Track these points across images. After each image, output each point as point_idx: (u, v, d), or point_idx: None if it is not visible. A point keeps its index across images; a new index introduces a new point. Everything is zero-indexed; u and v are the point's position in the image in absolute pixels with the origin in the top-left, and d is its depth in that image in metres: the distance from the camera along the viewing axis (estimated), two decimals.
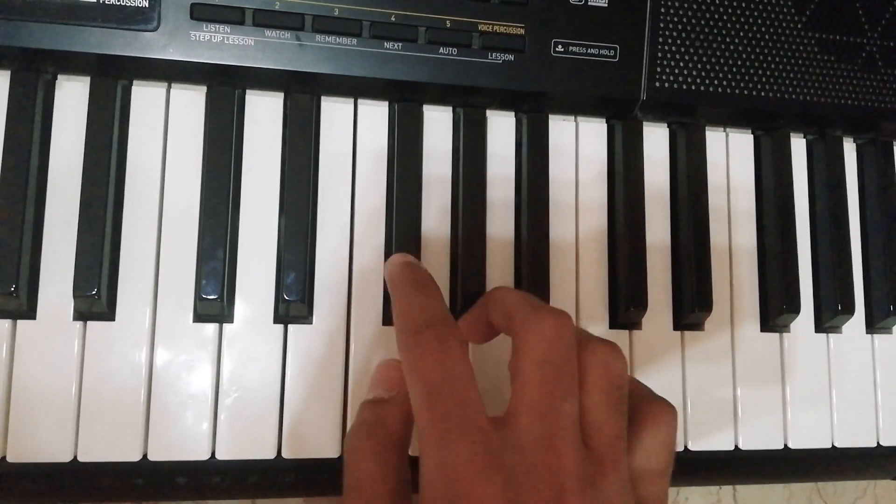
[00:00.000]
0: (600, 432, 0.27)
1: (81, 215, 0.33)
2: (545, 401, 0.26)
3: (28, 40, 0.33)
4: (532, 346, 0.27)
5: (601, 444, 0.27)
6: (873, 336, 0.43)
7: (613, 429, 0.27)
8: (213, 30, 0.34)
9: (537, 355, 0.27)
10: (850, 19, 0.41)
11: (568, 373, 0.27)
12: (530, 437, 0.25)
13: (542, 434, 0.25)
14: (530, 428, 0.25)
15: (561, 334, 0.27)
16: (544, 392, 0.26)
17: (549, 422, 0.26)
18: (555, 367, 0.26)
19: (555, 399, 0.26)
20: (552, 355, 0.27)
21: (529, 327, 0.27)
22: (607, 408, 0.27)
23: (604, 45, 0.38)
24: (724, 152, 0.42)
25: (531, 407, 0.26)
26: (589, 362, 0.28)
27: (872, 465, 0.43)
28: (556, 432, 0.25)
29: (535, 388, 0.26)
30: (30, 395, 0.33)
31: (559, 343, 0.27)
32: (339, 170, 0.37)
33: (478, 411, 0.26)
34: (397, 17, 0.36)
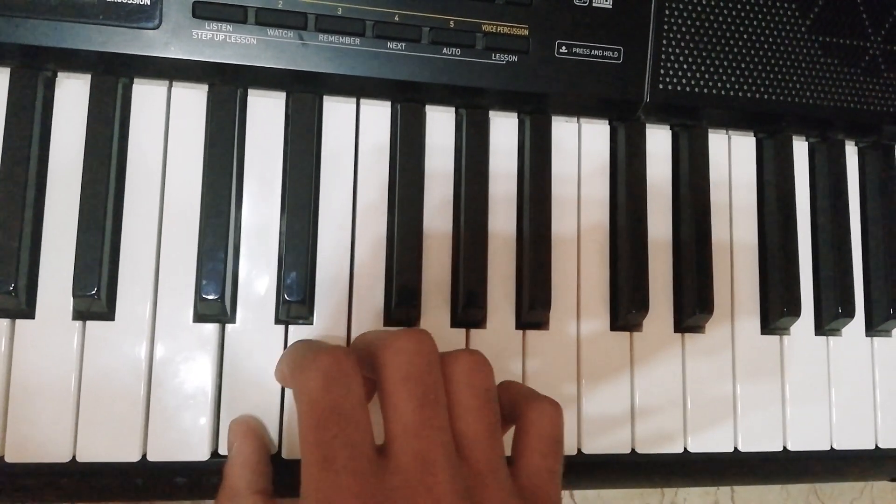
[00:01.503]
0: (474, 443, 0.26)
1: (81, 214, 0.33)
2: (414, 418, 0.25)
3: (28, 37, 0.33)
4: (392, 364, 0.26)
5: (477, 455, 0.26)
6: (872, 339, 0.43)
7: (487, 438, 0.27)
8: (215, 28, 0.34)
9: (399, 372, 0.26)
10: (853, 23, 0.41)
11: (432, 385, 0.26)
12: (406, 458, 0.25)
13: (416, 453, 0.25)
14: (404, 449, 0.25)
15: (420, 349, 0.27)
16: (411, 409, 0.26)
17: (421, 440, 0.25)
18: (418, 381, 0.26)
19: (423, 415, 0.25)
20: (413, 370, 0.26)
21: (388, 346, 0.27)
22: (477, 417, 0.27)
23: (607, 47, 0.38)
24: (727, 154, 0.42)
25: (402, 427, 0.25)
26: (452, 373, 0.27)
27: (870, 467, 0.43)
28: (429, 450, 0.25)
29: (403, 407, 0.26)
30: (28, 395, 0.32)
31: (419, 358, 0.26)
32: (340, 170, 0.37)
33: (364, 439, 0.25)
34: (401, 17, 0.36)
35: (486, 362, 0.28)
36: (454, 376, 0.27)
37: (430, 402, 0.26)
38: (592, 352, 0.39)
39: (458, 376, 0.27)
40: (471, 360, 0.28)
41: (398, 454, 0.25)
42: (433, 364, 0.27)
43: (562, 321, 0.38)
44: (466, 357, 0.28)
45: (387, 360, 0.27)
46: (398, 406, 0.26)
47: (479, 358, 0.28)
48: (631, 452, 0.39)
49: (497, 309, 0.38)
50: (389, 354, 0.27)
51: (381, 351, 0.27)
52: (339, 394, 0.26)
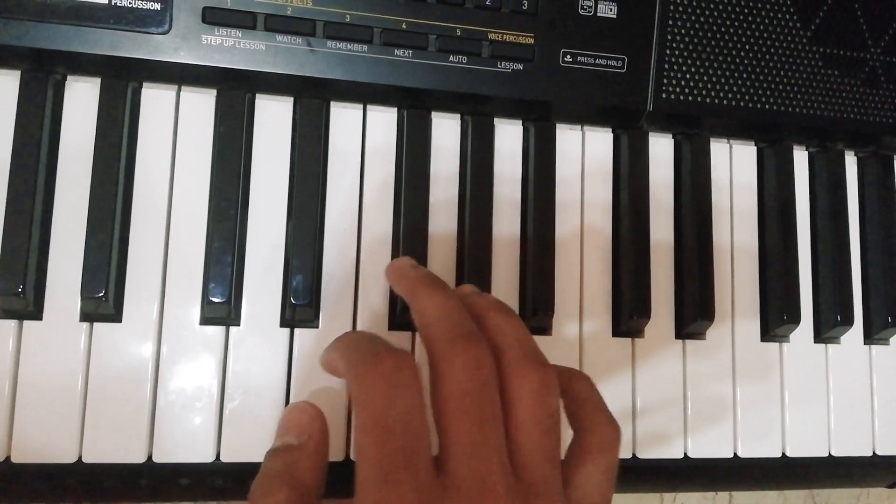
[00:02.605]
0: (532, 466, 0.26)
1: (90, 217, 0.33)
2: (472, 437, 0.25)
3: (39, 41, 0.33)
4: (451, 378, 0.25)
5: (534, 477, 0.25)
6: (871, 347, 0.43)
7: (546, 461, 0.26)
8: (224, 34, 0.34)
9: (458, 388, 0.25)
10: (853, 34, 0.42)
11: (490, 402, 0.25)
12: (463, 477, 0.24)
13: (473, 473, 0.24)
14: (462, 468, 0.24)
15: (480, 363, 0.26)
16: (469, 427, 0.25)
17: (479, 461, 0.24)
18: (477, 398, 0.25)
19: (482, 435, 0.25)
20: (473, 386, 0.25)
21: (446, 359, 0.26)
22: (538, 440, 0.26)
23: (612, 56, 0.38)
24: (728, 163, 0.43)
25: (460, 446, 0.25)
26: (515, 390, 0.26)
27: (867, 474, 0.44)
28: (487, 471, 0.24)
29: (461, 425, 0.25)
30: (35, 396, 0.33)
31: (479, 373, 0.25)
32: (347, 175, 0.37)
33: (424, 452, 0.24)
34: (408, 25, 0.36)
35: (554, 383, 0.27)
36: (519, 395, 0.26)
37: (488, 421, 0.25)
38: (594, 357, 0.39)
39: (522, 397, 0.26)
40: (538, 382, 0.26)
41: (455, 473, 0.24)
42: (492, 379, 0.26)
43: (564, 326, 0.39)
44: (534, 377, 0.27)
45: (445, 372, 0.25)
46: (456, 423, 0.25)
47: (546, 379, 0.27)
48: (632, 457, 0.39)
49: None
50: (448, 367, 0.25)
51: (440, 363, 0.26)
52: (402, 403, 0.24)
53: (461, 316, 0.28)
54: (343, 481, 0.28)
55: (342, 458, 0.35)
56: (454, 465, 0.24)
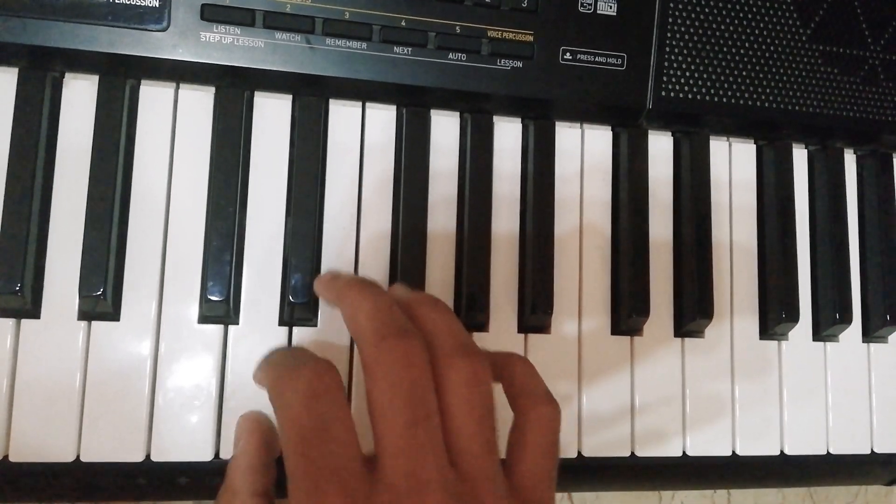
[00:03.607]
0: (469, 457, 0.26)
1: (88, 215, 0.33)
2: (404, 436, 0.25)
3: (36, 38, 0.33)
4: (382, 377, 0.25)
5: (471, 466, 0.25)
6: (869, 345, 0.43)
7: (482, 451, 0.26)
8: (223, 31, 0.34)
9: (389, 387, 0.25)
10: (853, 32, 0.42)
11: (423, 400, 0.25)
12: (396, 476, 0.24)
13: (406, 472, 0.24)
14: (395, 467, 0.24)
15: (411, 361, 0.26)
16: (401, 426, 0.25)
17: (411, 459, 0.24)
18: (409, 396, 0.25)
19: (414, 433, 0.25)
20: (404, 385, 0.25)
21: (377, 360, 0.26)
22: (473, 430, 0.26)
23: (611, 54, 0.38)
24: (727, 161, 0.43)
25: (392, 445, 0.25)
26: (447, 383, 0.26)
27: (865, 471, 0.44)
28: (420, 469, 0.24)
29: (391, 422, 0.25)
30: (33, 395, 0.32)
31: (410, 371, 0.25)
32: (346, 173, 0.37)
33: (351, 457, 0.25)
34: (407, 22, 0.36)
35: (485, 372, 0.27)
36: (450, 387, 0.26)
37: (421, 419, 0.25)
38: (593, 355, 0.39)
39: (454, 388, 0.26)
40: (468, 373, 0.27)
41: (388, 472, 0.24)
42: (424, 375, 0.26)
43: (563, 325, 0.39)
44: (463, 367, 0.27)
45: (375, 373, 0.26)
46: (385, 419, 0.25)
47: (476, 367, 0.27)
48: (630, 455, 0.39)
49: (499, 312, 0.38)
50: (378, 368, 0.26)
51: (370, 364, 0.26)
52: (322, 410, 0.25)
53: (390, 314, 0.27)
54: None
55: None
56: (386, 465, 0.24)
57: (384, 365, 0.26)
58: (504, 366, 0.30)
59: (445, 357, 0.27)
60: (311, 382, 0.25)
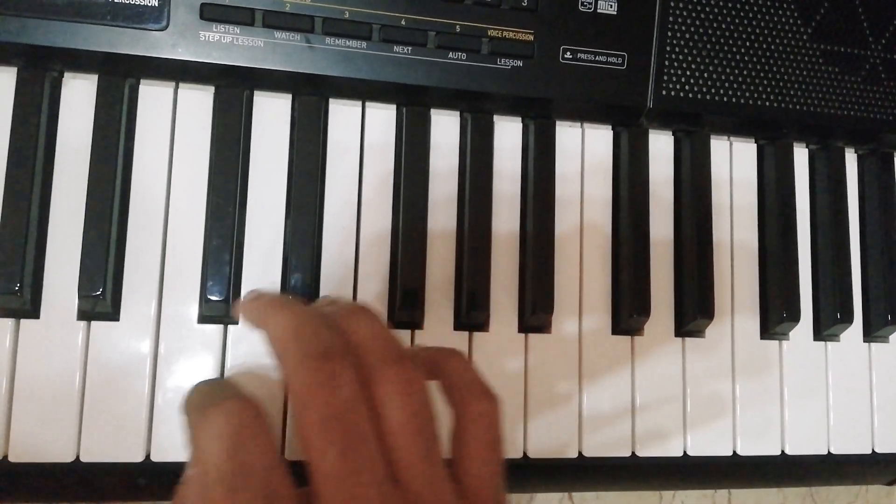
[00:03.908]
0: (411, 469, 0.25)
1: (87, 214, 0.33)
2: (338, 466, 0.23)
3: (35, 37, 0.33)
4: (308, 407, 0.24)
5: (414, 478, 0.24)
6: (870, 345, 0.43)
7: (423, 461, 0.25)
8: (222, 30, 0.34)
9: (317, 415, 0.24)
10: (854, 31, 0.42)
11: (355, 424, 0.24)
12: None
13: (345, 498, 0.23)
14: (332, 496, 0.23)
15: (337, 383, 0.24)
16: (334, 456, 0.23)
17: (348, 488, 0.23)
18: (339, 424, 0.24)
19: (348, 462, 0.23)
20: (332, 412, 0.24)
21: (301, 380, 0.24)
22: (411, 442, 0.25)
23: (612, 53, 0.38)
24: (728, 160, 0.43)
25: (326, 477, 0.23)
26: (379, 397, 0.25)
27: (866, 471, 0.44)
28: (358, 491, 0.23)
29: (325, 454, 0.23)
30: (32, 395, 0.32)
31: (337, 396, 0.24)
32: (346, 172, 0.37)
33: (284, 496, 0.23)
34: (407, 22, 0.36)
35: (417, 378, 0.26)
36: (383, 400, 0.25)
37: (353, 446, 0.24)
38: (594, 355, 0.39)
39: (387, 401, 0.25)
40: (398, 383, 0.25)
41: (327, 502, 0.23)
42: (353, 396, 0.24)
43: (564, 325, 0.39)
44: (393, 378, 0.25)
45: (302, 400, 0.24)
46: (320, 453, 0.23)
47: (407, 376, 0.26)
48: (631, 455, 0.39)
49: (500, 312, 0.38)
50: (304, 394, 0.24)
51: (295, 390, 0.24)
52: (244, 456, 0.23)
53: (312, 332, 0.26)
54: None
55: None
56: (324, 496, 0.23)
57: (309, 389, 0.24)
58: (439, 363, 0.29)
59: (375, 370, 0.26)
60: (226, 424, 0.24)
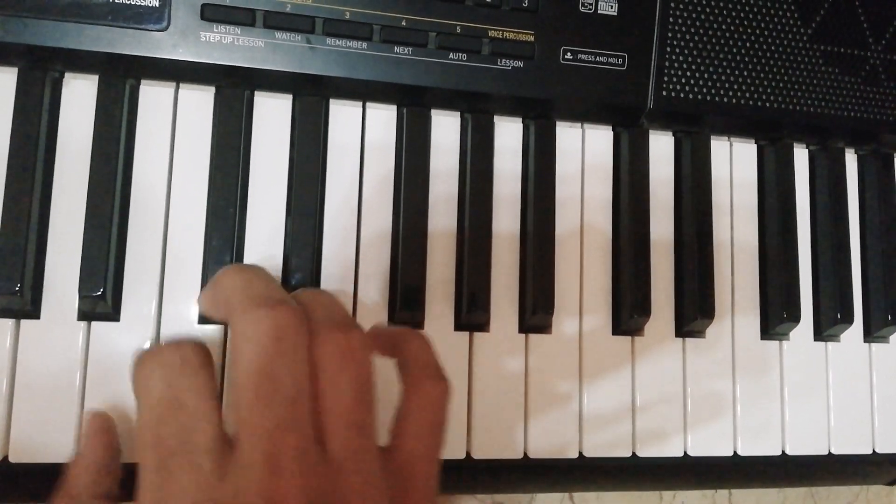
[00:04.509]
0: (339, 437, 0.24)
1: (87, 215, 0.33)
2: (263, 418, 0.22)
3: (36, 37, 0.33)
4: (245, 353, 0.23)
5: (342, 450, 0.23)
6: (870, 345, 0.43)
7: (355, 430, 0.24)
8: (223, 31, 0.34)
9: (251, 365, 0.23)
10: (854, 32, 0.42)
11: (289, 379, 0.23)
12: (252, 458, 0.22)
13: (264, 454, 0.22)
14: (252, 445, 0.22)
15: (278, 334, 0.23)
16: (261, 407, 0.23)
17: (270, 441, 0.22)
18: (271, 376, 0.23)
19: (274, 415, 0.22)
20: (266, 363, 0.23)
21: (242, 328, 0.23)
22: (345, 409, 0.24)
23: (612, 54, 0.38)
24: (728, 161, 0.43)
25: (250, 421, 0.23)
26: (319, 358, 0.24)
27: (867, 471, 0.44)
28: (278, 452, 0.22)
29: (252, 404, 0.23)
30: (33, 396, 0.32)
31: (276, 346, 0.23)
32: (346, 173, 0.37)
33: (208, 432, 0.23)
34: (408, 22, 0.36)
35: (362, 346, 0.25)
36: (321, 363, 0.24)
37: (283, 401, 0.23)
38: (594, 356, 0.39)
39: (325, 363, 0.24)
40: (341, 346, 0.24)
41: (245, 451, 0.22)
42: (295, 350, 0.23)
43: (564, 325, 0.39)
44: (335, 341, 0.24)
45: (239, 346, 0.23)
46: (247, 402, 0.23)
47: (351, 342, 0.25)
48: (631, 456, 0.39)
49: (500, 312, 0.38)
50: (242, 341, 0.23)
51: (236, 335, 0.24)
52: (178, 385, 0.23)
53: (263, 285, 0.25)
54: None
55: None
56: (244, 444, 0.22)
57: (251, 336, 0.23)
58: (398, 341, 0.29)
59: (320, 330, 0.25)
60: (167, 357, 0.24)
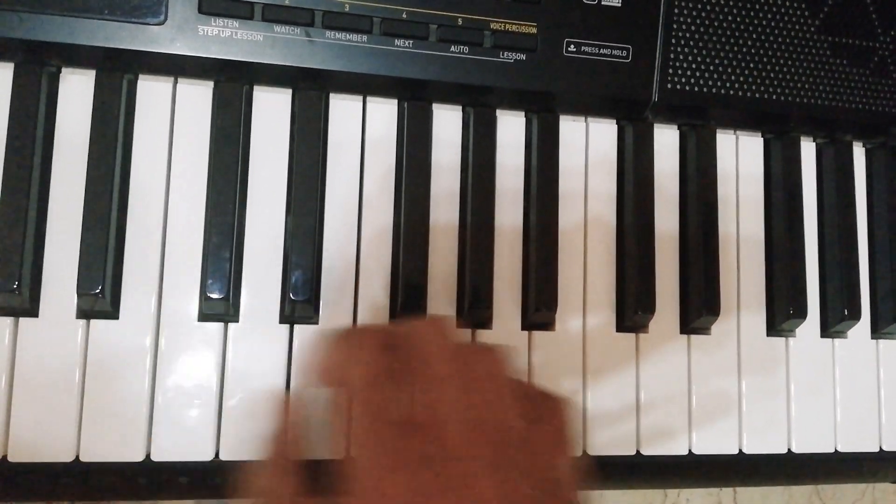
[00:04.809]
0: None
1: (85, 212, 0.33)
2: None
3: (32, 32, 0.32)
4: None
5: None
6: (878, 341, 0.43)
7: None
8: (221, 24, 0.34)
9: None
10: (862, 23, 0.41)
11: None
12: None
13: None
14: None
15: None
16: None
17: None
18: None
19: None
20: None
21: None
22: None
23: (616, 46, 0.37)
24: (734, 155, 0.42)
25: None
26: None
27: (873, 469, 0.43)
28: None
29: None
30: (32, 395, 0.32)
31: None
32: (347, 168, 0.37)
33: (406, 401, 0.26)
34: (409, 15, 0.35)
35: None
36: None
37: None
38: (598, 353, 0.38)
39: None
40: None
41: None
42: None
43: (568, 322, 0.38)
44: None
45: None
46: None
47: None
48: (636, 454, 0.39)
49: (503, 309, 0.37)
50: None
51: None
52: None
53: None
54: None
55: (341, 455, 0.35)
56: None
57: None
58: None
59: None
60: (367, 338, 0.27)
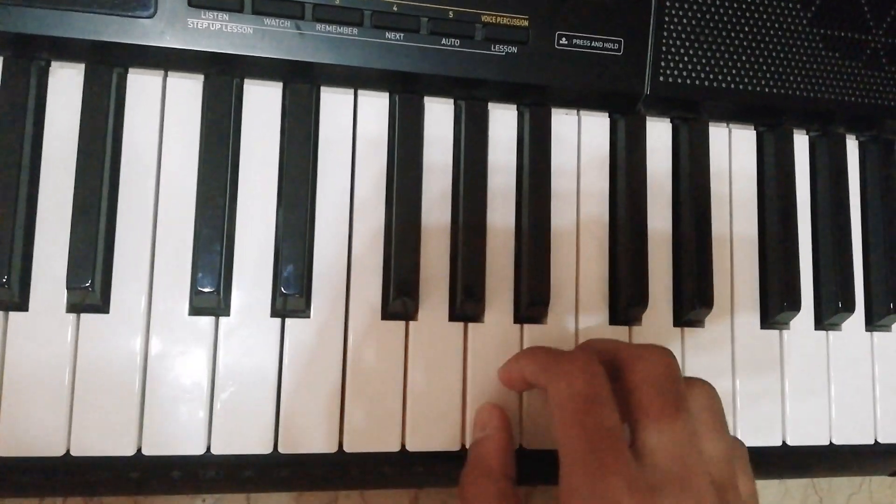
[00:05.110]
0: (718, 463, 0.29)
1: (75, 206, 0.33)
2: (671, 424, 0.27)
3: (21, 25, 0.32)
4: (647, 373, 0.29)
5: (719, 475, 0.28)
6: (872, 334, 0.43)
7: (725, 458, 0.29)
8: (211, 17, 0.33)
9: (654, 382, 0.28)
10: (855, 16, 0.41)
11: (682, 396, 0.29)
12: (664, 458, 0.27)
13: (674, 456, 0.27)
14: (663, 450, 0.27)
15: (670, 362, 0.30)
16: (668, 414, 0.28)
17: (679, 447, 0.27)
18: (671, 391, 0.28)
19: (678, 421, 0.28)
20: (666, 384, 0.28)
21: (641, 357, 0.29)
22: (714, 438, 0.29)
23: (608, 39, 0.37)
24: (727, 148, 0.42)
25: (658, 430, 0.27)
26: (694, 397, 0.30)
27: (869, 462, 0.43)
28: (686, 453, 0.27)
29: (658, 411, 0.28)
30: (21, 389, 0.32)
31: (670, 370, 0.29)
32: (338, 161, 0.36)
33: (621, 431, 0.27)
34: (399, 7, 0.35)
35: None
36: (696, 400, 0.30)
37: (683, 409, 0.28)
38: None
39: (699, 400, 0.30)
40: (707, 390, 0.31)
41: (657, 455, 0.27)
42: (679, 377, 0.30)
43: (560, 315, 0.38)
44: (703, 386, 0.31)
45: (638, 368, 0.29)
46: (653, 410, 0.28)
47: (712, 390, 0.31)
48: None
49: (495, 303, 0.37)
50: (643, 364, 0.29)
51: (634, 361, 0.29)
52: (597, 385, 0.28)
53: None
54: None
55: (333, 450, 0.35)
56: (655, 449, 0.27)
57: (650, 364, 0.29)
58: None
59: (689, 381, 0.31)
60: (585, 365, 0.29)
